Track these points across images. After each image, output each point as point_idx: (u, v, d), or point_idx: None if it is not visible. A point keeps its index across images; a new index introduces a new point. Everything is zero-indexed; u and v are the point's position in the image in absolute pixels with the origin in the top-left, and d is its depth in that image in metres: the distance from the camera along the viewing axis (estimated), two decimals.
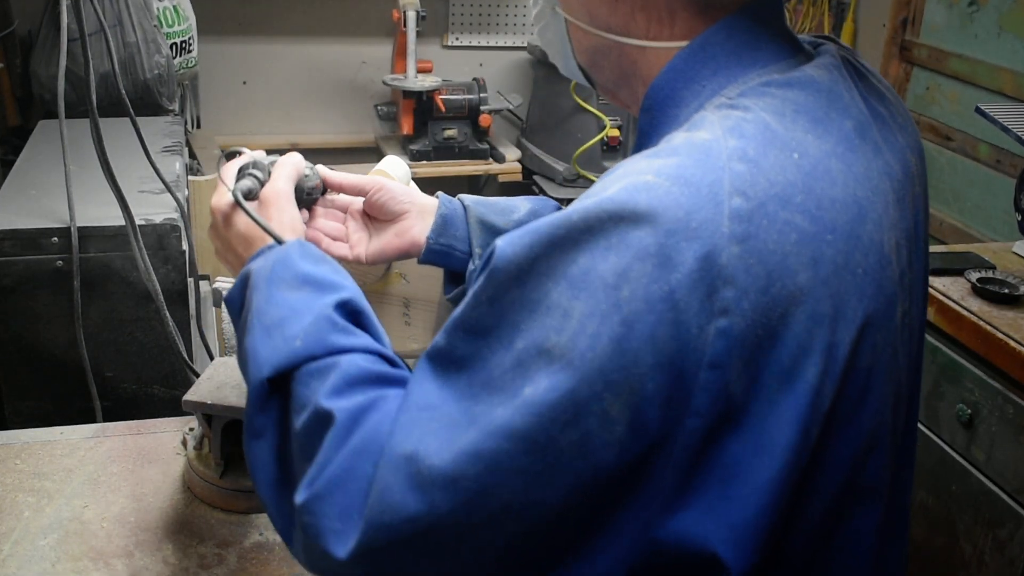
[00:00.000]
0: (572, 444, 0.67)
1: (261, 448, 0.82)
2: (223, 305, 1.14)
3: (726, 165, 0.70)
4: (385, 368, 0.84)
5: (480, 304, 0.72)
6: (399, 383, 0.82)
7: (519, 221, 1.15)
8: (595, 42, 0.89)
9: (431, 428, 0.71)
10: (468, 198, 1.16)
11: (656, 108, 0.84)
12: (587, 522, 0.71)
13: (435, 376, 0.75)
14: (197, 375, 1.12)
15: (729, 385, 0.68)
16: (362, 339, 0.85)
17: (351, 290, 0.88)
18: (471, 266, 1.13)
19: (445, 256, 1.11)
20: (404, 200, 1.13)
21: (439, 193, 1.18)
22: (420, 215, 1.13)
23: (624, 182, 0.70)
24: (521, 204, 1.18)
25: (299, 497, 0.74)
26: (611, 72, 0.90)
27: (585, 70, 0.94)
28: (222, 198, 0.98)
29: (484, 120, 3.02)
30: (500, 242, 0.71)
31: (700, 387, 0.68)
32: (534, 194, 3.08)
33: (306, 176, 1.04)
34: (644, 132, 0.85)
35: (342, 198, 1.12)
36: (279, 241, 0.93)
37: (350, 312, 0.86)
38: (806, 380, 0.70)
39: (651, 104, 0.84)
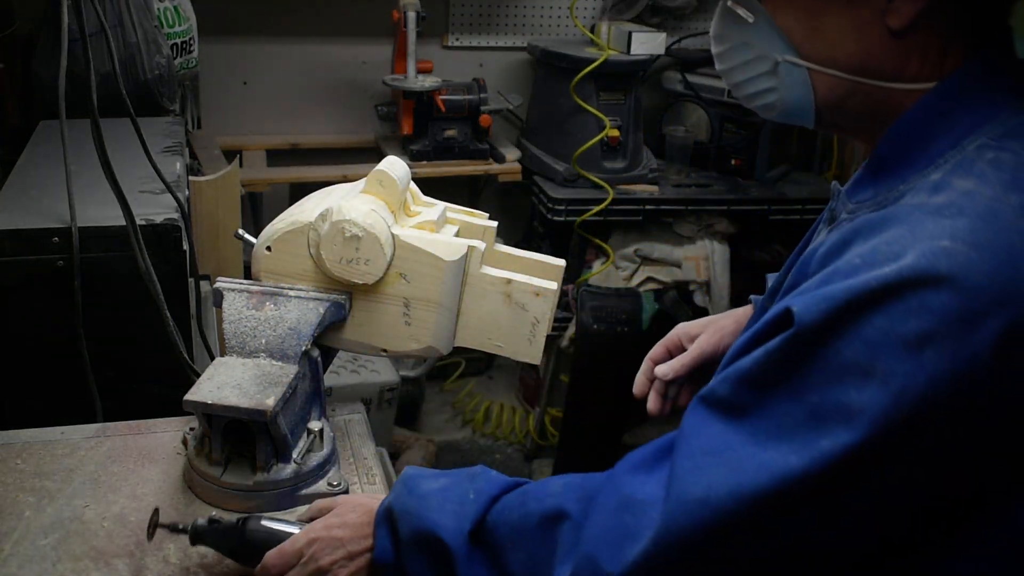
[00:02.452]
0: (861, 499, 0.72)
1: None
2: (221, 306, 1.14)
3: (1014, 225, 0.72)
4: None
5: (771, 361, 0.76)
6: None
7: None
8: (850, 87, 0.87)
9: (719, 472, 0.76)
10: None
11: (905, 139, 0.85)
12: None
13: (715, 421, 0.79)
14: (197, 375, 1.12)
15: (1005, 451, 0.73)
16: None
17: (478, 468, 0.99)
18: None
19: None
20: None
21: (752, 298, 1.22)
22: None
23: (919, 247, 0.71)
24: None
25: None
26: (855, 113, 0.89)
27: (820, 112, 0.91)
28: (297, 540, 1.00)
29: (484, 120, 3.02)
30: (796, 307, 0.75)
31: (982, 447, 0.72)
32: (533, 193, 3.08)
33: None
34: (885, 159, 0.87)
35: None
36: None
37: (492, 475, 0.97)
38: None
39: (900, 134, 0.85)
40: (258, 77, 3.18)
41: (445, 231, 1.20)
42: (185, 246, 1.43)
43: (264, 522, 1.00)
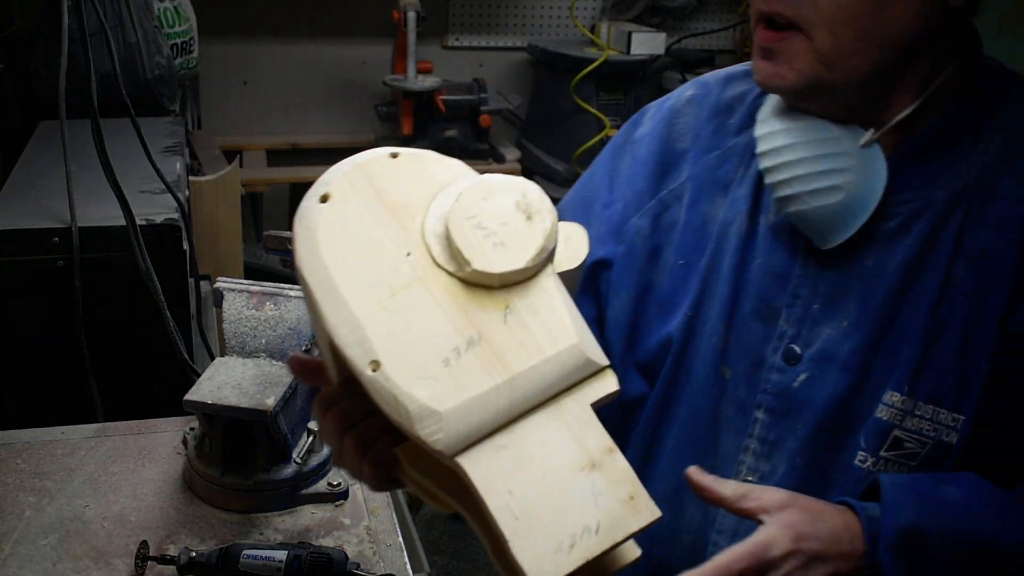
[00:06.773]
0: None
1: None
2: (221, 306, 1.14)
3: None
4: None
5: None
6: None
7: None
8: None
9: None
10: None
11: (964, 115, 0.89)
12: None
13: None
14: (197, 375, 1.12)
15: None
16: None
17: None
18: None
19: None
20: None
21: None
22: None
23: None
24: None
25: None
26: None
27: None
28: None
29: (484, 120, 3.02)
30: None
31: None
32: None
33: None
34: (942, 136, 0.88)
35: None
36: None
37: None
38: None
39: (962, 111, 0.90)
40: (258, 77, 3.18)
41: None
42: (185, 246, 1.43)
43: (247, 552, 0.97)
